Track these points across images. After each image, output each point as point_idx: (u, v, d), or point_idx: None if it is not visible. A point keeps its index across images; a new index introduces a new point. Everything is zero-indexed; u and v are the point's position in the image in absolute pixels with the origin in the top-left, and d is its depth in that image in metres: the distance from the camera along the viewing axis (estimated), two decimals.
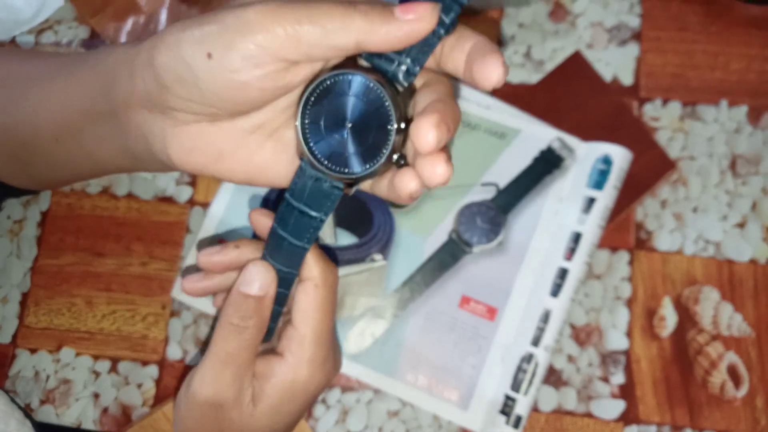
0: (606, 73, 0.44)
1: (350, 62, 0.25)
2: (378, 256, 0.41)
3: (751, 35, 0.43)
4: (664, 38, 0.44)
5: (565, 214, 0.40)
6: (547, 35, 0.44)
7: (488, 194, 0.41)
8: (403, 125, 0.25)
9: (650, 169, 0.42)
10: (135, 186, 0.44)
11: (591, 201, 0.40)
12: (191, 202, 0.43)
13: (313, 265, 0.30)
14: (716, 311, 0.40)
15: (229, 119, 0.27)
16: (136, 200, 0.44)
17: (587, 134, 0.42)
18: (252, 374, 0.31)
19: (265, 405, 0.31)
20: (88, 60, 0.30)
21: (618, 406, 0.39)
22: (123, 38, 0.47)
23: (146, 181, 0.44)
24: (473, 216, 0.41)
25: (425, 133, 0.23)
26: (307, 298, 0.31)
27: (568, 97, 0.43)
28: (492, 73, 0.24)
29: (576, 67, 0.44)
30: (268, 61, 0.24)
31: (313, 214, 0.28)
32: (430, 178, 0.25)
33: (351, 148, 0.26)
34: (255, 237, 0.33)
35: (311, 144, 0.26)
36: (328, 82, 0.25)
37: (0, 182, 0.37)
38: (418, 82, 0.27)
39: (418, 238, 0.41)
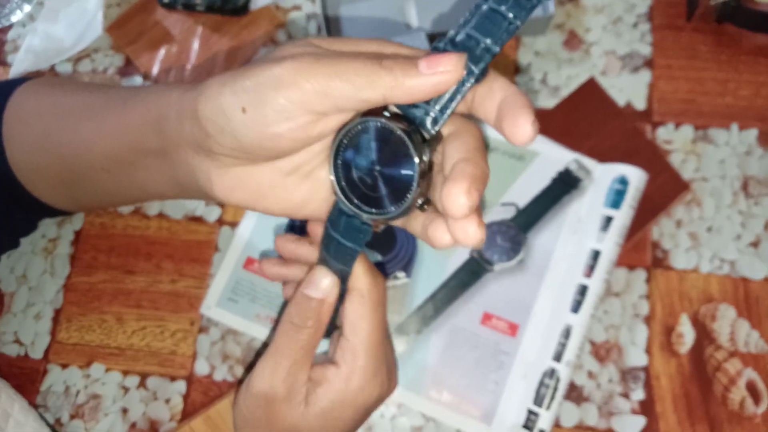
0: (620, 99, 0.45)
1: (380, 108, 0.26)
2: (401, 274, 0.42)
3: (759, 63, 0.45)
4: (675, 66, 0.46)
5: (583, 232, 0.41)
6: (562, 63, 0.46)
7: (508, 214, 0.43)
8: (427, 172, 0.26)
9: (665, 190, 0.43)
10: (166, 206, 0.45)
11: (608, 220, 0.41)
12: (220, 222, 0.45)
13: (360, 277, 0.32)
14: (733, 328, 0.41)
15: (267, 162, 0.28)
16: (166, 220, 0.45)
17: (603, 157, 0.43)
18: (307, 376, 0.33)
19: (317, 408, 0.33)
20: (139, 97, 0.32)
21: (639, 423, 0.40)
22: (156, 66, 0.49)
23: (176, 202, 0.45)
24: (494, 235, 0.42)
25: (455, 199, 0.24)
26: (354, 308, 0.32)
27: (584, 121, 0.45)
28: (522, 131, 0.24)
29: (591, 92, 0.46)
30: (299, 115, 0.25)
31: (348, 245, 0.30)
32: (464, 239, 0.25)
33: (378, 191, 0.27)
34: None
35: (343, 185, 0.28)
36: (359, 128, 0.26)
37: (40, 203, 0.39)
38: (448, 127, 0.28)
39: (440, 256, 0.43)
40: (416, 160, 0.25)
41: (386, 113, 0.26)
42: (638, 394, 0.40)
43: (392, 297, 0.42)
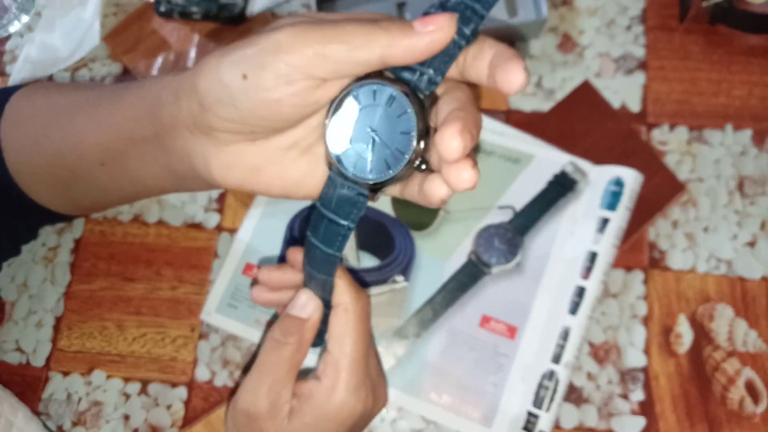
0: (614, 101, 0.46)
1: (375, 74, 0.27)
2: (399, 278, 0.43)
3: (751, 63, 0.46)
4: (668, 67, 0.46)
5: (580, 234, 0.42)
6: (556, 66, 0.47)
7: (505, 217, 0.43)
8: (424, 132, 0.27)
9: (660, 191, 0.44)
10: (165, 213, 0.46)
11: (605, 221, 0.41)
12: (219, 229, 0.45)
13: (343, 292, 0.33)
14: (731, 328, 0.41)
15: (265, 138, 0.28)
16: (166, 227, 0.45)
17: (598, 159, 0.43)
18: (291, 392, 0.33)
19: (299, 423, 0.33)
20: (132, 87, 0.33)
21: (638, 423, 0.40)
22: (154, 74, 0.49)
23: (176, 209, 0.46)
24: (491, 238, 0.42)
25: (449, 141, 0.24)
26: (338, 323, 0.33)
27: (579, 123, 0.45)
28: (514, 77, 0.25)
29: (585, 95, 0.46)
30: (299, 79, 0.25)
31: (342, 222, 0.29)
32: (458, 183, 0.25)
33: (375, 155, 0.27)
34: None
35: (337, 152, 0.28)
36: (354, 93, 0.27)
37: (40, 208, 0.39)
38: (439, 90, 0.28)
39: (438, 260, 0.43)
40: (414, 119, 0.26)
41: (381, 76, 0.26)
42: (637, 394, 0.40)
43: (391, 301, 0.42)
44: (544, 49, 0.47)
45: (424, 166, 0.27)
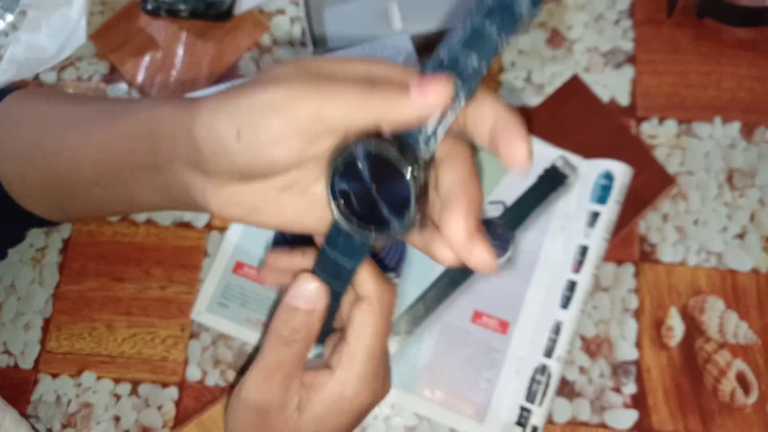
0: (603, 95, 0.46)
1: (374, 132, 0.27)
2: (391, 275, 0.42)
3: (740, 56, 0.46)
4: (657, 60, 0.46)
5: (570, 228, 0.42)
6: (545, 61, 0.47)
7: (496, 212, 0.43)
8: (423, 193, 0.26)
9: (650, 184, 0.44)
10: (154, 212, 0.45)
11: (595, 215, 0.41)
12: (209, 227, 0.45)
13: (367, 283, 0.31)
14: (722, 320, 0.41)
15: (263, 179, 0.28)
16: (155, 226, 0.45)
17: (588, 153, 0.43)
18: (300, 383, 0.32)
19: (311, 415, 0.32)
20: (129, 113, 0.32)
21: (631, 416, 0.40)
22: (141, 73, 0.49)
23: None
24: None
25: (456, 229, 0.24)
26: (360, 316, 0.32)
27: (569, 118, 0.45)
28: (518, 154, 0.24)
29: (575, 89, 0.46)
30: (292, 138, 0.25)
31: (347, 266, 0.30)
32: (474, 265, 0.25)
33: (377, 212, 0.27)
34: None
35: (342, 207, 0.28)
36: (353, 151, 0.26)
37: (28, 214, 0.39)
38: (440, 148, 0.27)
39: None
40: (411, 183, 0.26)
41: (379, 135, 0.26)
42: (630, 388, 0.40)
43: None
44: (533, 45, 0.47)
45: (425, 226, 0.27)
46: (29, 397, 0.42)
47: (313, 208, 0.29)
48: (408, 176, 0.25)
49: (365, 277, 0.31)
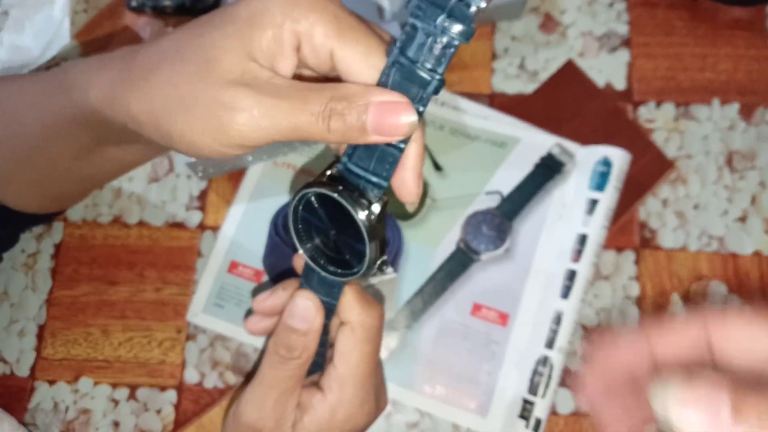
0: (599, 80, 0.45)
1: (328, 179, 0.27)
2: (388, 269, 0.42)
3: (736, 36, 0.45)
4: (652, 43, 0.45)
5: (569, 217, 0.41)
6: (539, 46, 0.46)
7: (493, 202, 0.42)
8: (378, 235, 0.27)
9: (649, 169, 0.43)
10: (146, 214, 0.45)
11: (594, 203, 0.41)
12: (201, 227, 0.44)
13: (351, 308, 0.31)
14: (725, 305, 0.40)
15: None
16: (147, 227, 0.44)
17: (585, 139, 0.43)
18: (296, 403, 0.32)
19: None
20: (62, 85, 0.31)
21: None
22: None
23: (156, 208, 0.44)
24: (479, 224, 0.42)
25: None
26: (346, 340, 0.31)
27: (564, 104, 0.45)
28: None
29: (569, 75, 0.45)
30: (238, 148, 0.26)
31: (324, 299, 0.31)
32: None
33: (341, 253, 0.29)
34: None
35: (309, 249, 0.29)
36: (309, 197, 0.27)
37: (16, 213, 0.38)
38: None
39: (426, 248, 0.42)
40: (364, 226, 0.26)
41: (332, 180, 0.27)
42: None
43: (380, 292, 0.42)
44: (526, 30, 0.46)
45: (385, 267, 0.28)
46: (26, 405, 0.42)
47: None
48: (359, 220, 0.26)
49: (349, 302, 0.31)
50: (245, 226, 0.43)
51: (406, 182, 0.27)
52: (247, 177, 0.44)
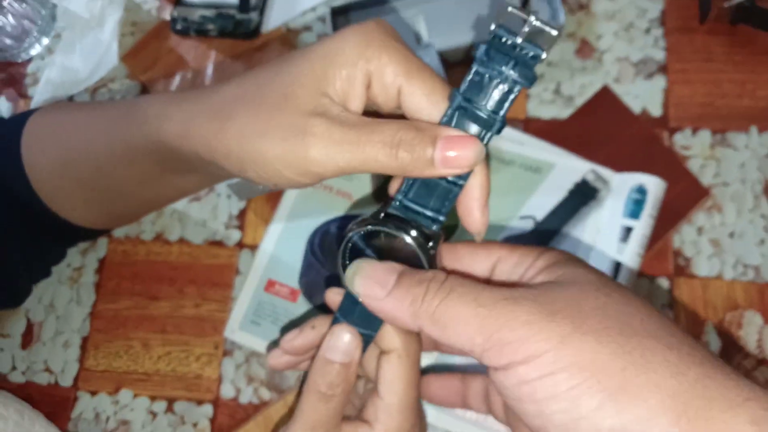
0: (635, 106, 0.45)
1: (385, 216, 0.28)
2: None
3: None
4: (690, 69, 0.45)
5: (603, 244, 0.41)
6: (575, 72, 0.46)
7: (526, 227, 0.43)
8: (432, 264, 0.28)
9: (684, 197, 0.43)
10: (186, 231, 0.46)
11: (628, 230, 0.41)
12: (240, 245, 0.45)
13: (394, 336, 0.31)
14: (761, 335, 0.40)
15: None
16: (187, 245, 0.46)
17: (620, 166, 0.43)
18: None
19: None
20: (147, 119, 0.33)
21: None
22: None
23: (197, 227, 0.46)
24: None
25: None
26: (391, 369, 0.31)
27: (599, 130, 0.45)
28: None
29: (605, 101, 0.45)
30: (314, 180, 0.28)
31: (363, 331, 0.31)
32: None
33: None
34: (324, 308, 0.34)
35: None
36: (366, 233, 0.28)
37: (70, 226, 0.40)
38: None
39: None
40: (424, 259, 0.28)
41: (389, 217, 0.28)
42: None
43: None
44: (562, 55, 0.47)
45: None
46: (69, 414, 0.43)
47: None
48: (420, 253, 0.27)
49: (390, 330, 0.31)
50: (282, 245, 0.44)
51: (472, 212, 0.28)
52: (284, 197, 0.45)
